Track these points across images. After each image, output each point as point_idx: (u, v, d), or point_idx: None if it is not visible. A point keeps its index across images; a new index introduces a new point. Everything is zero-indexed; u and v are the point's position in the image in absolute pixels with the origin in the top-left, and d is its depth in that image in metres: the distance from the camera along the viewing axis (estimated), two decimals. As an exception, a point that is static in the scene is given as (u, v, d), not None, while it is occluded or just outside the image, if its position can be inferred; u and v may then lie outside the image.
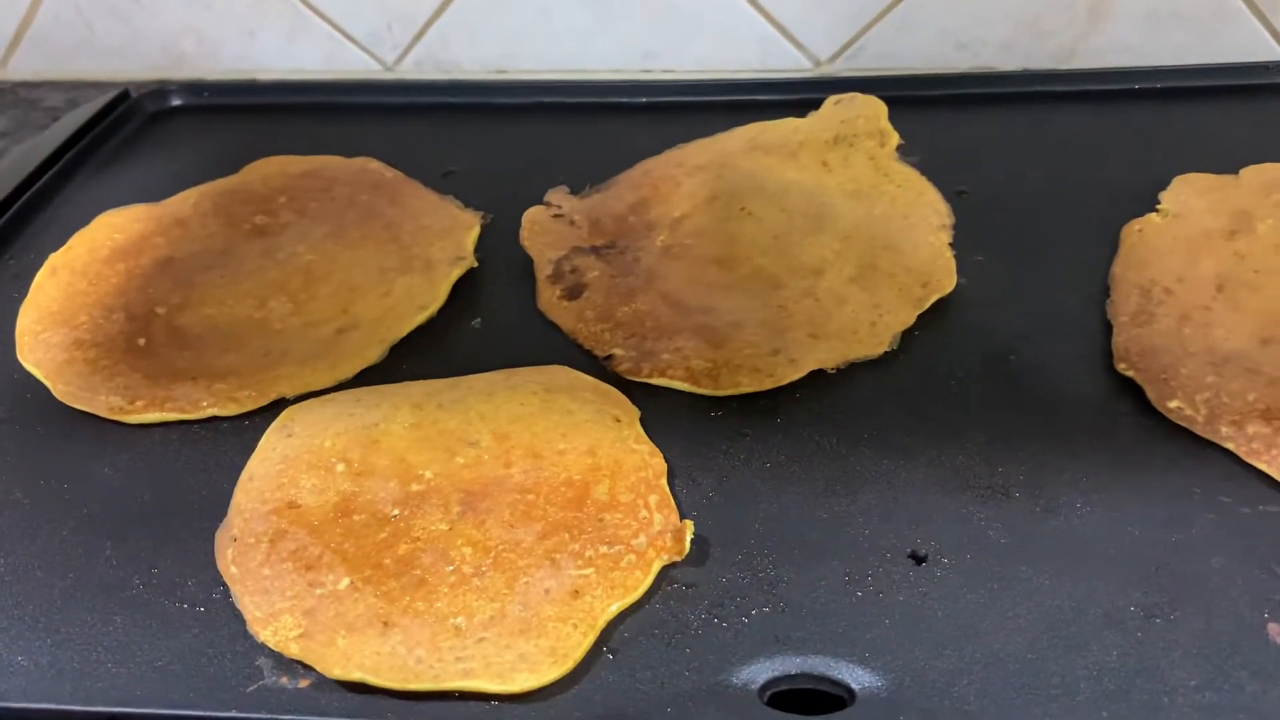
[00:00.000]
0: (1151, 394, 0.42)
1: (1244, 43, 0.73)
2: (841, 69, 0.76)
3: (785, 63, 0.76)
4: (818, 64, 0.76)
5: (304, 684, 0.35)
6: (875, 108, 0.57)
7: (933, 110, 0.63)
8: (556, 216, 0.54)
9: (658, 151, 0.59)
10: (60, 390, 0.46)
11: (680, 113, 0.66)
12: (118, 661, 0.36)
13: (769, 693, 0.35)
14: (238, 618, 0.37)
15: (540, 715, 0.34)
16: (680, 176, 0.56)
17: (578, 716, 0.34)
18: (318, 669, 0.35)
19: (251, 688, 0.35)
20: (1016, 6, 0.73)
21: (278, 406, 0.45)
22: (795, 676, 0.35)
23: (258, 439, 0.43)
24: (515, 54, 0.78)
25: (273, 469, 0.42)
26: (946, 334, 0.47)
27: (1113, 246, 0.50)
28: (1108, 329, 0.46)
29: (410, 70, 0.80)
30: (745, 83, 0.70)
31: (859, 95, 0.59)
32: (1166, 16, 0.73)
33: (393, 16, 0.78)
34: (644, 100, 0.68)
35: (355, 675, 0.35)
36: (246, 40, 0.79)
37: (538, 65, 0.78)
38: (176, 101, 0.67)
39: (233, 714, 0.34)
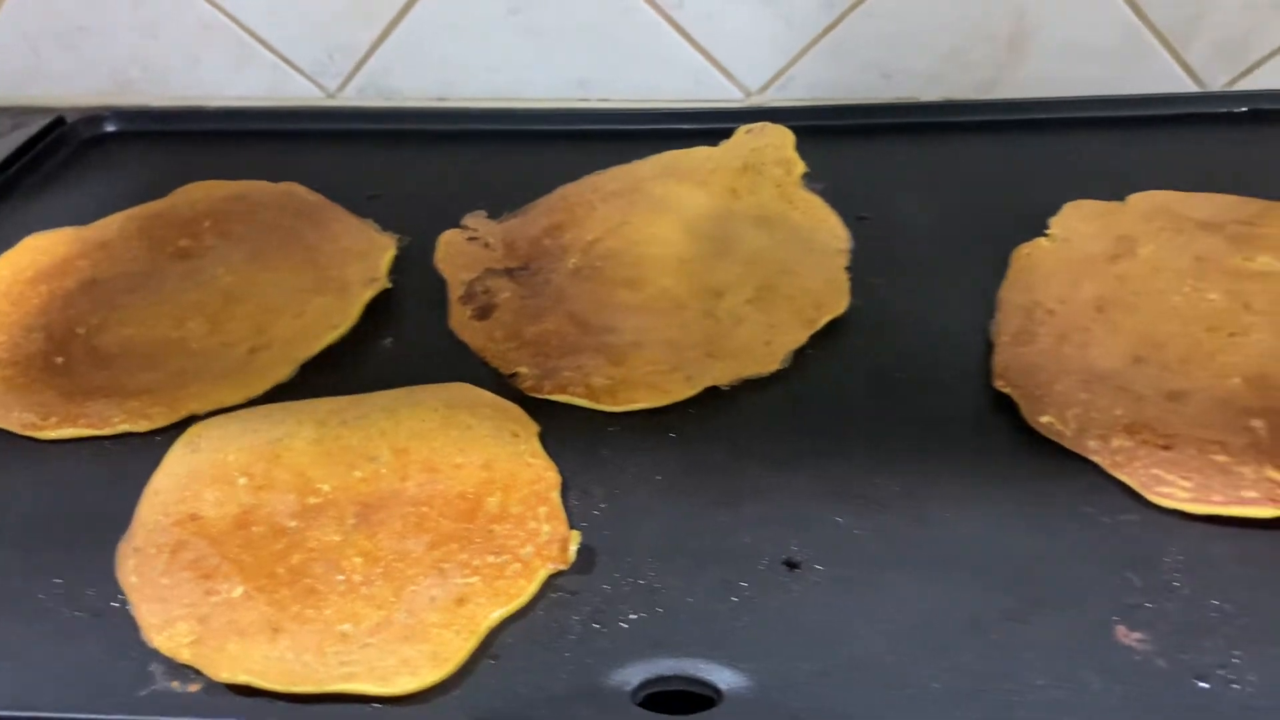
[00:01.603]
0: (1025, 410, 0.44)
1: (1158, 75, 0.76)
2: (771, 99, 0.79)
3: (717, 93, 0.79)
4: (749, 94, 0.79)
5: (194, 688, 0.36)
6: (784, 137, 0.60)
7: (846, 139, 0.65)
8: (472, 239, 0.56)
9: (587, 178, 0.61)
10: (-24, 408, 0.47)
11: (613, 140, 0.68)
12: (15, 667, 0.37)
13: (642, 694, 0.36)
14: (135, 626, 0.38)
15: (419, 716, 0.35)
16: (595, 202, 0.57)
17: (455, 718, 0.35)
18: (207, 673, 0.36)
19: (143, 692, 0.36)
20: (939, 40, 0.75)
21: (189, 423, 0.46)
22: (667, 679, 0.36)
23: (167, 454, 0.45)
24: (455, 82, 0.80)
25: (177, 483, 0.43)
26: (837, 353, 0.49)
27: (1004, 270, 0.53)
28: (991, 349, 0.48)
29: (353, 98, 0.81)
30: (676, 112, 0.72)
31: (770, 125, 0.61)
32: (1083, 50, 0.75)
33: (335, 46, 0.79)
34: (577, 128, 0.70)
35: (242, 678, 0.36)
36: (192, 68, 0.81)
37: (477, 93, 0.80)
38: (111, 128, 0.69)
39: (122, 717, 0.35)
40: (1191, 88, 0.75)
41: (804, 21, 0.75)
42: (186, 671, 0.37)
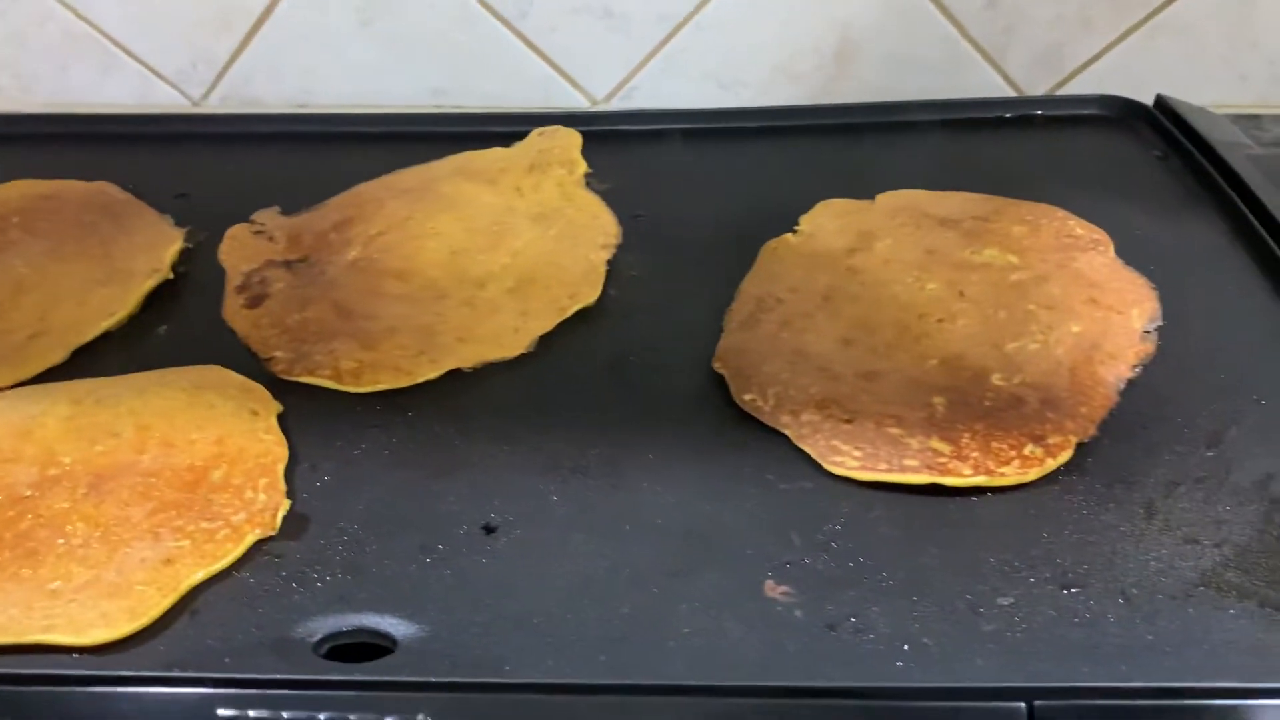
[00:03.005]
0: (734, 388, 0.48)
1: (981, 84, 0.80)
2: (616, 107, 0.82)
3: (566, 102, 0.82)
4: (594, 103, 0.82)
5: (-91, 643, 0.39)
6: (571, 139, 0.63)
7: (642, 142, 0.69)
8: (258, 233, 0.59)
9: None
10: None
11: (458, 143, 0.69)
12: None
13: (326, 646, 0.39)
14: None
15: (111, 664, 0.38)
16: (386, 198, 0.61)
17: (144, 664, 0.38)
18: (-80, 628, 0.39)
19: None
20: (770, 52, 0.79)
21: (-42, 403, 0.49)
22: (350, 632, 0.39)
23: (-66, 433, 0.47)
24: (313, 90, 0.83)
25: (-70, 456, 0.46)
26: (584, 339, 0.52)
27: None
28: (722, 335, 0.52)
29: (216, 105, 0.84)
30: (519, 115, 0.75)
31: (560, 128, 0.65)
32: (906, 61, 0.79)
33: (198, 55, 0.82)
34: (425, 130, 0.73)
35: (-52, 631, 0.39)
36: (60, 76, 0.84)
37: (334, 100, 0.83)
38: (-51, 130, 0.72)
39: None
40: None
41: (641, 35, 0.79)
42: (-96, 627, 0.40)
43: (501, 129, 0.70)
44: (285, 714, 0.36)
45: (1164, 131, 0.66)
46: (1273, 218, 0.56)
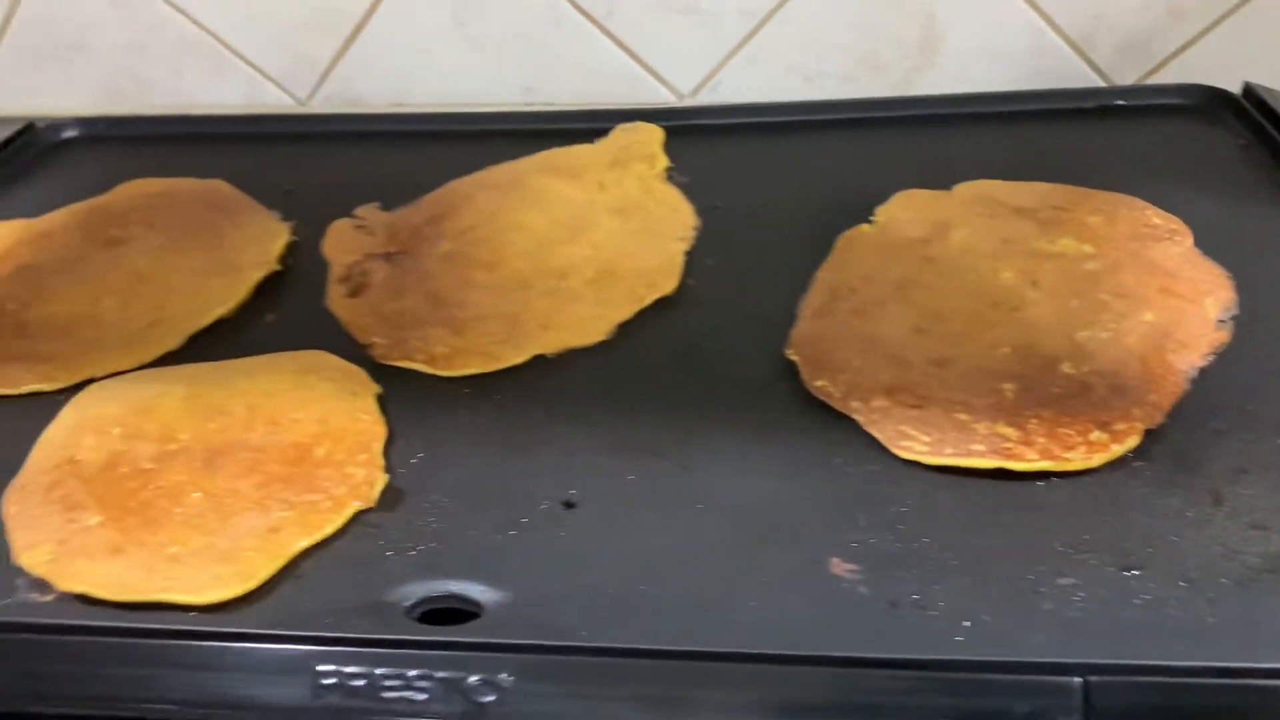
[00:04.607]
0: (805, 374, 0.49)
1: (1067, 73, 0.79)
2: (702, 101, 0.84)
3: (652, 97, 0.84)
4: (681, 97, 0.84)
5: (48, 598, 0.43)
6: (652, 134, 0.65)
7: (724, 136, 0.70)
8: (359, 227, 0.62)
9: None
10: (-84, 371, 0.55)
11: (549, 139, 0.71)
12: (-91, 579, 0.45)
13: (418, 610, 0.42)
14: (8, 548, 0.45)
15: (223, 622, 0.41)
16: (476, 193, 0.64)
17: (252, 622, 0.41)
18: (57, 586, 0.43)
19: (6, 601, 0.43)
20: (853, 43, 0.80)
21: (88, 385, 0.53)
22: (440, 597, 0.42)
23: (68, 411, 0.52)
24: (410, 89, 0.87)
25: (64, 432, 0.50)
26: (661, 328, 0.54)
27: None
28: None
29: (321, 105, 0.89)
30: (605, 112, 0.77)
31: (643, 124, 0.67)
32: (991, 51, 0.79)
33: (302, 57, 0.87)
34: (516, 128, 0.76)
35: (82, 589, 0.43)
36: (174, 79, 0.89)
37: (430, 100, 0.87)
38: (72, 133, 0.77)
39: (-13, 619, 0.43)
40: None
41: (726, 29, 0.81)
42: (44, 584, 0.44)
43: (588, 125, 0.72)
44: (379, 670, 0.39)
45: (1250, 121, 0.65)
46: (1358, 207, 0.55)
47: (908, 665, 0.37)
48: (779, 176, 0.66)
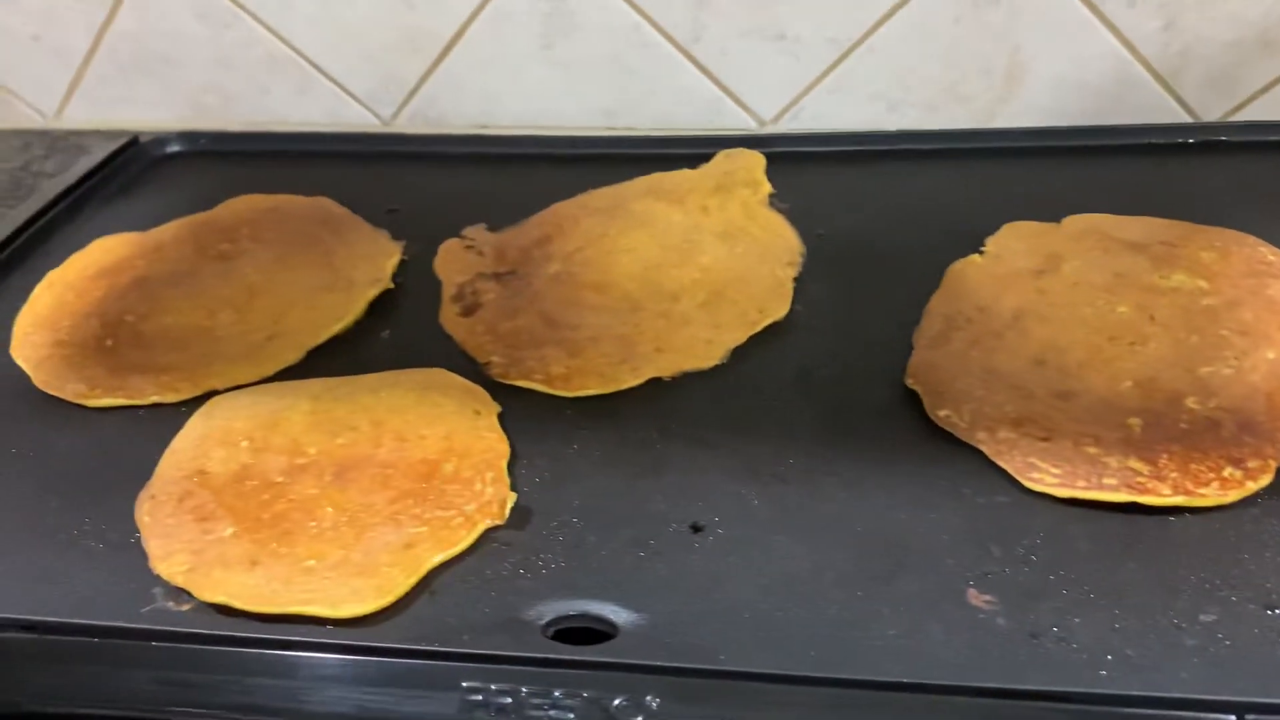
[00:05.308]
0: (928, 404, 0.50)
1: (1152, 107, 0.79)
2: (784, 128, 0.85)
3: (734, 122, 0.85)
4: (763, 124, 0.85)
5: (186, 607, 0.44)
6: (754, 160, 0.66)
7: (822, 164, 0.71)
8: (469, 247, 0.63)
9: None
10: (39, 380, 0.56)
11: (633, 164, 0.72)
12: (49, 585, 0.45)
13: (552, 629, 0.42)
14: (145, 557, 0.46)
15: (361, 636, 0.42)
16: (582, 216, 0.64)
17: (391, 636, 0.42)
18: (196, 595, 0.44)
19: (146, 609, 0.44)
20: (938, 73, 0.81)
21: (210, 397, 0.54)
22: (573, 616, 0.42)
23: (190, 422, 0.53)
24: (494, 111, 0.88)
25: (192, 444, 0.51)
26: (773, 352, 0.55)
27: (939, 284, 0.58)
28: (910, 351, 0.53)
29: (404, 125, 0.90)
30: (692, 139, 0.78)
31: (744, 150, 0.67)
32: (1075, 83, 0.80)
33: (388, 78, 0.88)
34: (598, 152, 0.77)
35: (221, 599, 0.43)
36: (261, 96, 0.91)
37: (513, 121, 0.88)
38: (175, 148, 0.78)
39: (128, 625, 0.43)
40: (1185, 120, 0.79)
41: (812, 57, 0.81)
42: (181, 594, 0.44)
43: (676, 151, 0.73)
44: (525, 688, 0.39)
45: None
46: None
47: (1056, 698, 0.37)
48: (877, 205, 0.66)
